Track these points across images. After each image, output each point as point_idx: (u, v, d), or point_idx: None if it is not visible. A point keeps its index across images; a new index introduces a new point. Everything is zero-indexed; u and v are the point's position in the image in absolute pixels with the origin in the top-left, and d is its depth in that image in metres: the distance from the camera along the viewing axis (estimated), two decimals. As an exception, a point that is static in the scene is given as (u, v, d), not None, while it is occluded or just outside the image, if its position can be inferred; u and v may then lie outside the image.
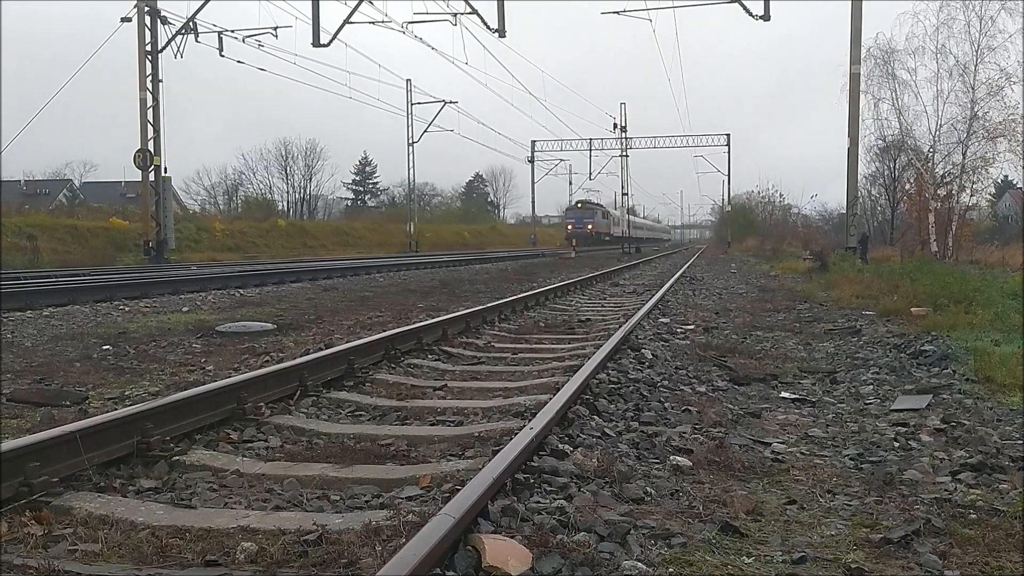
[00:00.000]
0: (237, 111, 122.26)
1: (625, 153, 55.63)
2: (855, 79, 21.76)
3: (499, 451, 3.60)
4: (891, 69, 29.99)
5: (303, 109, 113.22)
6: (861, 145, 24.75)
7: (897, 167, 37.94)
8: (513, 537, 2.81)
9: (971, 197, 30.76)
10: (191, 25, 25.79)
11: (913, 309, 10.46)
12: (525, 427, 3.98)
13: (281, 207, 70.45)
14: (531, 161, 62.65)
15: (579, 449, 4.00)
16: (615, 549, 2.82)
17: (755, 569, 2.77)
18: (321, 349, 6.75)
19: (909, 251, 27.68)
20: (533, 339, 8.58)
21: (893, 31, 58.53)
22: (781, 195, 59.30)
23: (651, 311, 11.01)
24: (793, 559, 2.84)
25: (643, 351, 7.32)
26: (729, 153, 60.46)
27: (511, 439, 3.80)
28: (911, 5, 48.93)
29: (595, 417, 4.76)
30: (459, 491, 3.03)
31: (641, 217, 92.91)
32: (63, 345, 7.64)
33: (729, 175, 62.31)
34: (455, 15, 24.72)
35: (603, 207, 69.85)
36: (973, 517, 3.27)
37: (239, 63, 27.22)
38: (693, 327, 9.81)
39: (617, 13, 26.14)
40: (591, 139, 60.70)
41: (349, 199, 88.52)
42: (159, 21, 25.80)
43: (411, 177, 49.56)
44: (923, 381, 6.24)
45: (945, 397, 5.60)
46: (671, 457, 4.09)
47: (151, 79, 25.97)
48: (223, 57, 26.35)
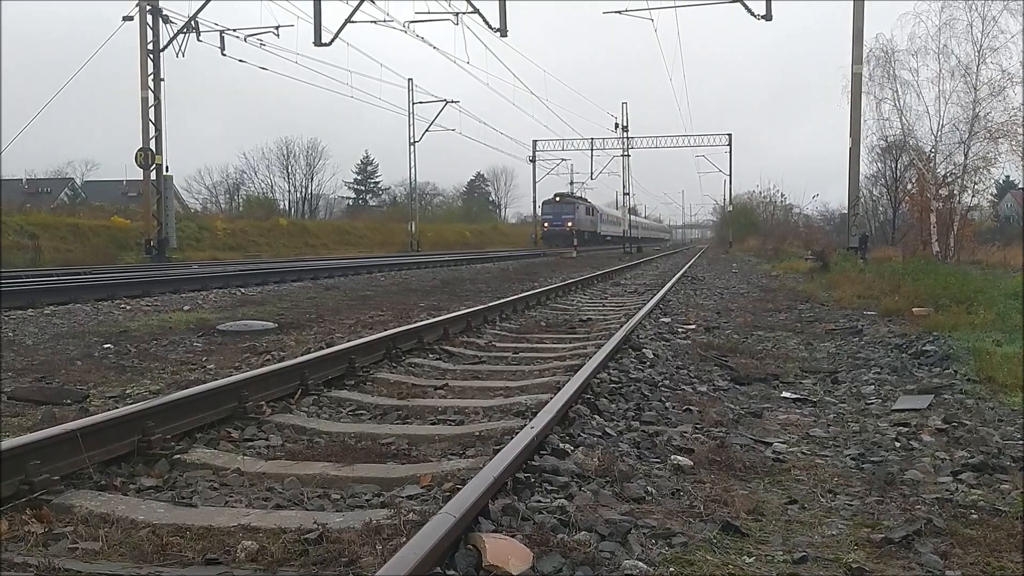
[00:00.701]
0: (239, 110, 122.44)
1: (626, 153, 55.61)
2: (857, 79, 21.71)
3: (500, 450, 3.60)
4: (893, 69, 29.98)
5: (305, 108, 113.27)
6: (863, 145, 24.73)
7: (899, 167, 37.96)
8: (514, 536, 2.81)
9: (973, 197, 30.77)
10: (193, 24, 25.81)
11: (915, 309, 10.45)
12: (526, 426, 3.98)
13: (282, 206, 70.56)
14: (532, 161, 62.58)
15: (580, 448, 4.00)
16: (616, 548, 2.81)
17: (756, 569, 2.76)
18: (322, 348, 6.75)
19: (911, 251, 27.66)
20: (534, 338, 8.58)
21: (894, 31, 58.76)
22: (782, 195, 59.32)
23: (652, 311, 11.00)
24: (794, 559, 2.84)
25: (644, 350, 7.32)
26: (731, 153, 60.41)
27: (512, 438, 3.80)
28: (912, 5, 48.95)
29: (596, 416, 4.76)
30: (460, 490, 3.03)
31: (642, 217, 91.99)
32: (64, 343, 7.64)
33: (731, 175, 62.18)
34: (457, 14, 24.71)
35: (587, 201, 65.10)
36: (974, 517, 3.27)
37: (241, 62, 27.29)
38: (694, 327, 9.81)
39: (619, 13, 26.13)
40: (592, 139, 60.64)
41: (350, 198, 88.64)
42: (161, 20, 25.81)
43: (412, 176, 49.62)
44: (924, 381, 6.23)
45: (946, 397, 5.60)
46: (672, 457, 4.09)
47: (153, 78, 25.97)
48: (225, 56, 26.40)
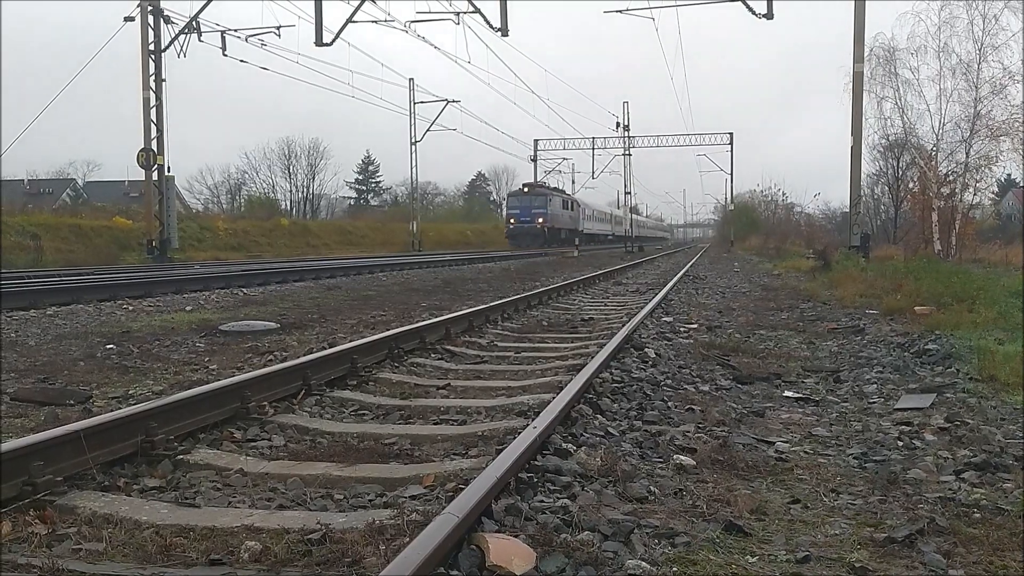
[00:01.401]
0: (240, 110, 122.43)
1: (628, 152, 55.54)
2: (858, 78, 21.70)
3: (502, 450, 3.60)
4: (894, 68, 30.00)
5: (306, 108, 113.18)
6: (864, 144, 24.71)
7: (900, 166, 37.93)
8: (517, 536, 2.81)
9: (974, 196, 30.76)
10: (194, 24, 25.80)
11: (916, 308, 10.44)
12: (528, 426, 3.99)
13: (284, 206, 70.55)
14: (534, 160, 62.58)
15: (583, 448, 4.00)
16: (619, 548, 2.81)
17: (759, 568, 2.76)
18: (324, 348, 6.75)
19: (912, 250, 27.65)
20: (536, 338, 8.58)
21: (895, 30, 58.55)
22: (784, 194, 59.24)
23: (654, 310, 11.00)
24: (797, 558, 2.84)
25: (646, 350, 7.32)
26: (732, 152, 60.32)
27: (514, 438, 3.80)
28: (912, 4, 48.85)
29: (598, 416, 4.76)
30: (463, 490, 3.03)
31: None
32: (67, 344, 7.65)
33: (732, 174, 61.82)
34: (458, 14, 24.71)
35: (564, 193, 57.98)
36: (977, 516, 3.27)
37: (242, 62, 27.34)
38: (696, 326, 9.81)
39: (620, 12, 26.12)
40: (594, 138, 60.56)
41: (352, 198, 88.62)
42: (162, 20, 25.82)
43: (414, 176, 49.56)
44: (927, 380, 6.23)
45: (949, 396, 5.60)
46: (675, 456, 4.09)
47: (154, 78, 25.98)
48: (226, 56, 26.38)
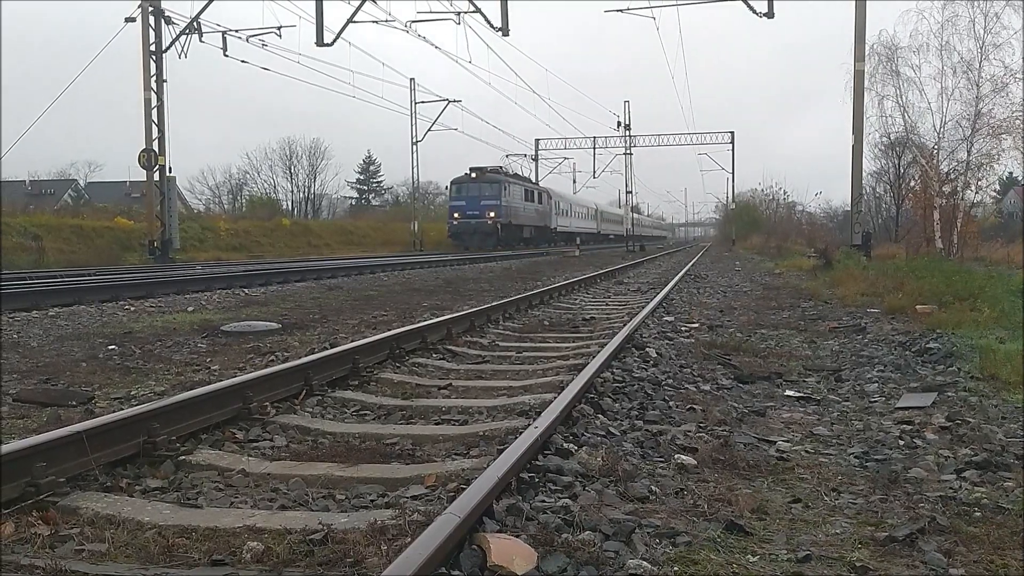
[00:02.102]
0: (241, 111, 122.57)
1: (629, 151, 55.50)
2: (859, 76, 21.70)
3: (504, 450, 3.61)
4: (895, 66, 29.91)
5: (307, 108, 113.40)
6: (866, 142, 24.73)
7: (902, 164, 37.86)
8: (518, 536, 2.82)
9: (976, 194, 30.68)
10: (195, 25, 25.83)
11: (918, 307, 10.44)
12: (530, 426, 3.99)
13: (285, 206, 70.49)
14: (535, 159, 62.60)
15: (584, 448, 4.01)
16: (620, 548, 2.82)
17: (760, 568, 2.77)
18: (326, 348, 6.76)
19: (914, 248, 27.63)
20: (538, 338, 8.59)
21: (897, 28, 58.46)
22: (785, 192, 59.18)
23: (655, 309, 11.00)
24: (798, 557, 2.84)
25: (647, 349, 7.32)
26: (733, 151, 60.31)
27: (516, 438, 3.81)
28: (914, 3, 48.84)
29: (600, 416, 4.76)
30: (464, 490, 3.03)
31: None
32: (69, 345, 7.66)
33: (733, 173, 61.66)
34: (458, 14, 24.75)
35: (527, 181, 49.64)
36: (978, 515, 3.27)
37: (243, 63, 27.31)
38: (697, 325, 9.81)
39: (620, 11, 26.13)
40: (595, 137, 60.60)
41: (353, 198, 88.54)
42: (163, 21, 25.85)
43: (415, 176, 49.39)
44: (928, 379, 6.23)
45: (950, 395, 5.60)
46: (676, 456, 4.09)
47: (155, 79, 26.00)
48: (227, 57, 26.42)
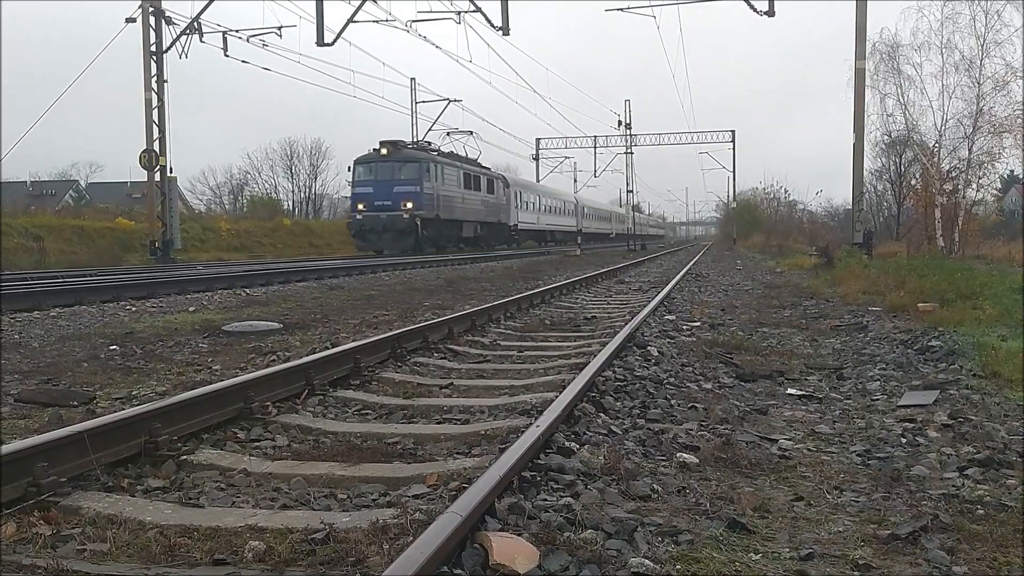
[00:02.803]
0: (242, 111, 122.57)
1: (630, 150, 55.46)
2: (860, 75, 21.68)
3: (506, 449, 3.60)
4: (896, 64, 29.93)
5: (308, 108, 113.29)
6: (867, 140, 24.76)
7: (903, 162, 37.83)
8: (520, 535, 2.81)
9: (977, 192, 30.68)
10: (195, 25, 25.81)
11: (920, 305, 10.42)
12: (531, 425, 3.99)
13: (286, 206, 70.42)
14: (536, 159, 62.56)
15: (586, 447, 4.01)
16: (622, 546, 2.82)
17: (762, 566, 2.76)
18: (327, 348, 6.76)
19: (915, 246, 27.63)
20: (539, 337, 8.58)
21: (898, 26, 58.46)
22: (786, 191, 59.19)
23: (657, 308, 10.99)
24: (801, 556, 2.84)
25: (649, 348, 7.32)
26: (734, 149, 60.26)
27: (517, 437, 3.80)
28: (915, 1, 48.77)
29: (601, 415, 4.76)
30: (466, 489, 3.03)
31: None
32: (70, 345, 7.66)
33: (734, 171, 61.62)
34: (459, 13, 24.72)
35: (470, 163, 37.28)
36: (981, 513, 3.27)
37: (244, 63, 27.24)
38: (699, 324, 9.80)
39: (621, 10, 26.12)
40: (596, 136, 60.55)
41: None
42: (163, 22, 25.85)
43: (414, 175, 48.93)
44: (930, 377, 6.22)
45: (952, 393, 5.59)
46: (678, 454, 4.09)
47: (156, 79, 25.99)
48: (228, 57, 26.38)
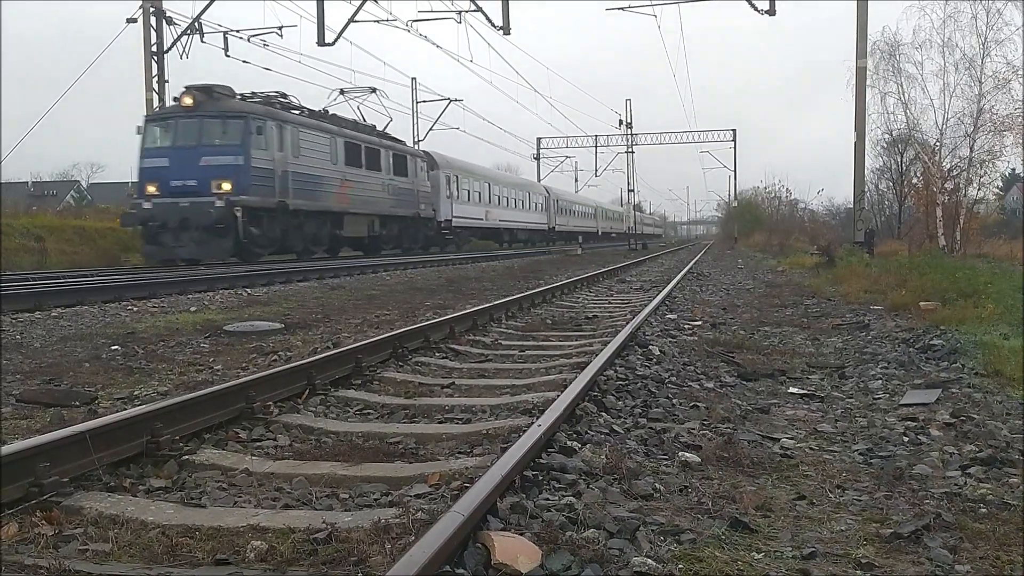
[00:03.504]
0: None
1: (631, 149, 55.47)
2: (861, 73, 21.70)
3: (508, 448, 3.60)
4: (897, 63, 29.92)
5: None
6: (868, 139, 24.82)
7: (904, 161, 37.82)
8: (522, 534, 2.81)
9: (978, 191, 30.68)
10: (196, 25, 25.84)
11: (921, 303, 10.42)
12: (533, 424, 3.98)
13: (287, 206, 70.22)
14: (537, 158, 62.59)
15: (588, 446, 4.00)
16: (624, 545, 2.81)
17: (765, 565, 2.76)
18: (329, 348, 6.76)
19: (917, 245, 27.59)
20: (540, 336, 8.58)
21: (899, 25, 58.45)
22: (787, 190, 59.16)
23: (658, 307, 10.99)
24: (803, 554, 2.84)
25: (650, 347, 7.31)
26: (735, 148, 60.31)
27: (519, 436, 3.80)
28: (916, 0, 48.73)
29: (603, 414, 4.76)
30: (468, 489, 3.03)
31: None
32: (72, 345, 7.66)
33: (735, 170, 61.62)
34: (460, 13, 24.76)
35: (345, 124, 25.88)
36: (983, 511, 3.26)
37: (244, 63, 27.25)
38: (700, 323, 9.80)
39: (622, 9, 26.16)
40: (597, 136, 60.60)
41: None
42: (164, 22, 25.86)
43: (413, 174, 48.41)
44: (932, 375, 6.22)
45: (954, 391, 5.59)
46: (680, 453, 4.08)
47: (157, 80, 26.01)
48: (228, 57, 26.42)
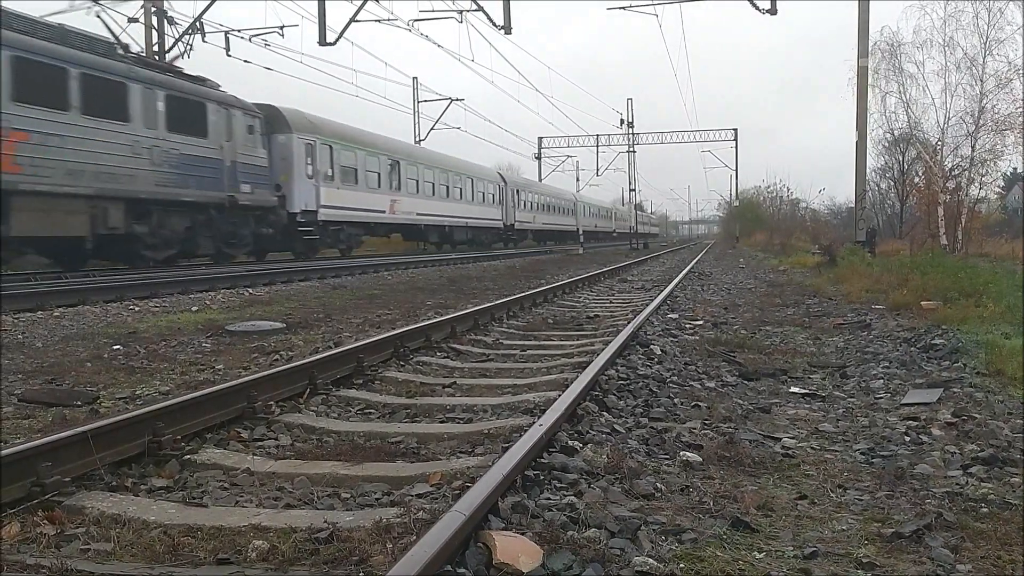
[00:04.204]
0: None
1: (632, 149, 55.41)
2: (863, 73, 21.65)
3: (509, 448, 3.60)
4: (898, 62, 29.91)
5: (310, 108, 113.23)
6: (869, 139, 24.80)
7: (905, 160, 37.79)
8: (523, 534, 2.81)
9: (980, 190, 30.64)
10: (198, 25, 25.84)
11: (923, 303, 10.41)
12: (535, 424, 3.98)
13: (288, 206, 70.08)
14: (538, 158, 62.57)
15: (589, 445, 4.00)
16: (626, 545, 2.81)
17: (766, 564, 2.76)
18: (330, 347, 6.76)
19: (918, 244, 27.58)
20: (542, 336, 8.58)
21: (900, 24, 58.40)
22: (789, 189, 59.17)
23: (659, 307, 10.99)
24: (804, 554, 2.84)
25: (652, 347, 7.31)
26: (737, 148, 60.34)
27: (521, 436, 3.80)
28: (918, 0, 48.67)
29: (604, 413, 4.76)
30: (469, 488, 3.03)
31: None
32: (74, 345, 7.67)
33: (737, 170, 61.60)
34: (461, 12, 24.74)
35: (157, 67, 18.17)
36: (985, 511, 3.26)
37: (246, 63, 27.24)
38: (702, 322, 9.80)
39: (623, 8, 26.12)
40: (598, 135, 60.54)
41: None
42: (166, 21, 25.87)
43: (414, 173, 47.80)
44: (934, 375, 6.21)
45: (956, 391, 5.58)
46: (681, 453, 4.08)
47: (158, 79, 25.86)
48: (230, 57, 26.37)
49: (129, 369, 6.45)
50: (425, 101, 45.44)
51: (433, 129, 45.61)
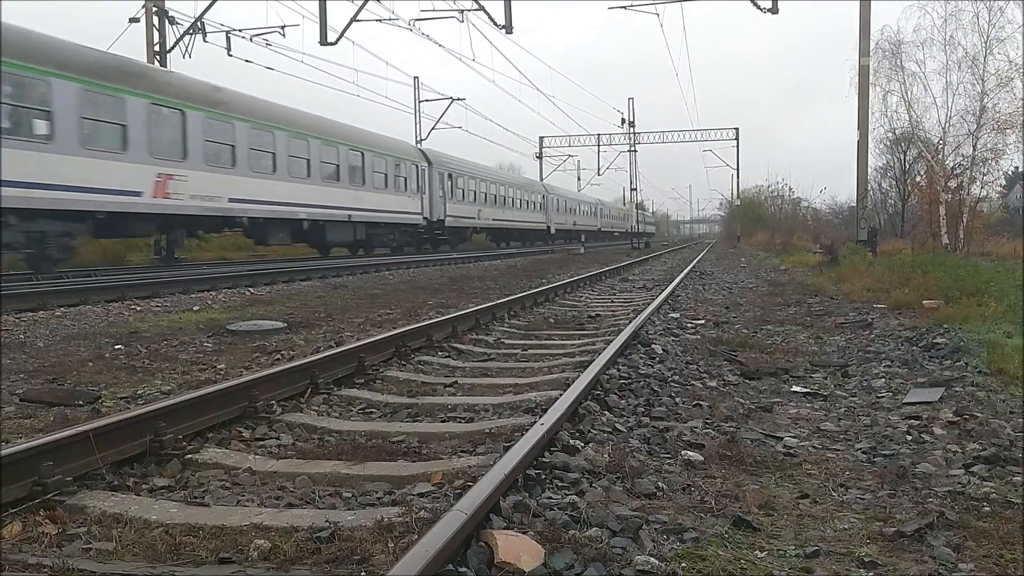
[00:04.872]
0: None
1: (633, 148, 55.39)
2: (864, 72, 21.62)
3: (510, 447, 3.60)
4: (900, 61, 29.88)
5: (311, 108, 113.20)
6: (871, 138, 24.73)
7: (907, 159, 37.76)
8: (525, 533, 2.81)
9: (982, 189, 30.60)
10: (199, 25, 25.84)
11: (925, 302, 10.41)
12: (536, 423, 3.99)
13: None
14: (539, 157, 62.54)
15: (590, 444, 4.00)
16: (627, 544, 2.81)
17: (768, 563, 2.76)
18: (332, 347, 6.76)
19: (920, 243, 27.56)
20: (543, 335, 8.58)
21: (901, 23, 58.36)
22: (790, 189, 59.13)
23: (661, 306, 10.99)
24: (806, 553, 2.83)
25: (653, 346, 7.31)
26: (738, 147, 60.29)
27: (522, 435, 3.80)
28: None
29: (606, 412, 4.76)
30: (471, 487, 3.03)
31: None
32: (75, 345, 7.67)
33: (738, 169, 61.50)
34: (462, 12, 24.73)
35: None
36: (987, 510, 3.26)
37: (247, 62, 27.27)
38: (703, 321, 9.79)
39: (624, 7, 26.10)
40: (599, 134, 60.49)
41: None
42: (167, 21, 25.87)
43: (414, 173, 47.72)
44: (935, 374, 6.21)
45: (958, 390, 5.58)
46: (683, 452, 4.08)
47: (159, 79, 25.86)
48: (231, 56, 26.40)
49: (131, 369, 6.46)
50: (426, 101, 45.40)
51: (434, 128, 45.63)
